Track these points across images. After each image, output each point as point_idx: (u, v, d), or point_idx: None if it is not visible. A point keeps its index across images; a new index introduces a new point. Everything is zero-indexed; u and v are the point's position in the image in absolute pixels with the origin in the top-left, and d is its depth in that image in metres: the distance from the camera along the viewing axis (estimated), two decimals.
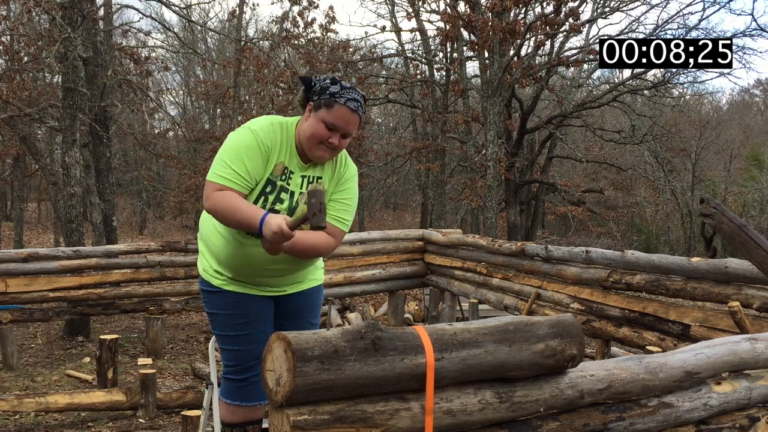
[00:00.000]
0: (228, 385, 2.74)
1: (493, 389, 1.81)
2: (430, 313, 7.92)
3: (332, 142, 2.51)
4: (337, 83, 2.52)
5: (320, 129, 2.50)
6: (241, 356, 2.69)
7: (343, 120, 2.49)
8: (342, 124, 2.49)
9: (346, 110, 2.49)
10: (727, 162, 21.62)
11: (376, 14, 54.72)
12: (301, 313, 2.82)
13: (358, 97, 2.52)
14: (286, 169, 2.59)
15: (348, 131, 2.52)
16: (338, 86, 2.51)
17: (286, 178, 2.59)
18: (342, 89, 2.50)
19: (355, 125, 2.53)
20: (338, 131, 2.51)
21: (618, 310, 4.91)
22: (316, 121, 2.51)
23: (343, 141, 2.54)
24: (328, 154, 2.55)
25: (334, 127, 2.49)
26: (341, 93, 2.49)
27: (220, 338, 2.75)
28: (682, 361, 2.20)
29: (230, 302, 2.68)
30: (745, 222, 3.10)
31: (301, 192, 2.60)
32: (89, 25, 9.08)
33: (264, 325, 2.72)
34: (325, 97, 2.50)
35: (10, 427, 4.54)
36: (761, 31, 13.27)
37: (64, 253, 6.66)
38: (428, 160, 16.25)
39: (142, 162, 23.03)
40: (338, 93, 2.49)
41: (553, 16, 12.12)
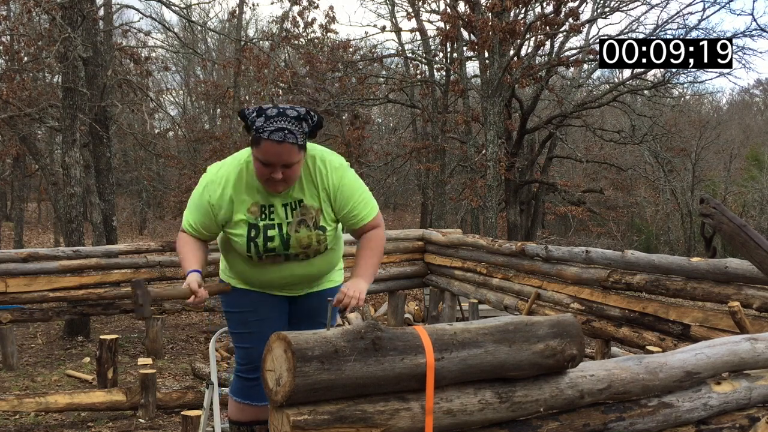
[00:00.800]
0: (239, 383, 2.76)
1: (493, 389, 1.81)
2: (430, 313, 7.91)
3: (274, 177, 2.39)
4: (262, 114, 2.37)
5: (258, 167, 2.41)
6: (253, 354, 2.69)
7: (272, 154, 2.35)
8: (274, 159, 2.36)
9: (271, 144, 2.33)
10: (727, 162, 21.61)
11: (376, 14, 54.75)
12: (313, 316, 2.81)
13: (286, 124, 2.34)
14: (264, 207, 2.55)
15: (284, 162, 2.37)
16: (263, 118, 2.36)
17: (267, 215, 2.55)
18: (266, 121, 2.35)
19: (289, 154, 2.35)
20: (275, 165, 2.38)
21: (618, 310, 4.91)
22: (254, 160, 2.42)
23: (288, 171, 2.40)
24: (281, 187, 2.46)
25: (268, 163, 2.37)
26: (264, 127, 2.34)
27: (234, 336, 2.78)
28: (682, 361, 2.20)
29: (246, 300, 2.72)
30: (745, 222, 3.10)
31: (288, 222, 2.55)
32: (89, 25, 9.07)
33: (278, 325, 2.72)
34: (253, 133, 2.38)
35: (10, 427, 4.54)
36: (761, 31, 13.28)
37: (64, 253, 6.66)
38: (428, 160, 16.25)
39: (142, 162, 23.03)
40: (261, 127, 2.35)
41: (553, 16, 12.13)
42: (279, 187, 2.46)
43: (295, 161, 2.40)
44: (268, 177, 2.41)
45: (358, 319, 7.82)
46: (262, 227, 2.53)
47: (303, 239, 2.56)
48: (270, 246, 2.54)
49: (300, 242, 2.57)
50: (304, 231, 2.56)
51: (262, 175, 2.43)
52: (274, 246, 2.54)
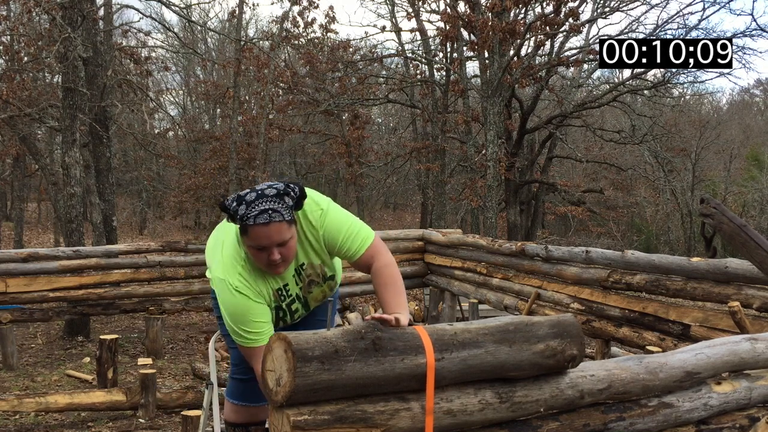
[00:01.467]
0: (234, 385, 2.75)
1: (493, 389, 1.81)
2: (430, 313, 7.92)
3: (273, 260, 2.35)
4: (242, 202, 2.31)
5: (255, 254, 2.37)
6: None
7: (263, 238, 2.30)
8: (266, 242, 2.31)
9: (260, 228, 2.28)
10: (727, 162, 21.62)
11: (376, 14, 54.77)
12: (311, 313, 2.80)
13: (268, 204, 2.29)
14: (280, 290, 2.55)
15: (276, 242, 2.32)
16: (243, 206, 2.30)
17: (285, 295, 2.57)
18: (248, 207, 2.29)
19: (279, 232, 2.30)
20: (269, 248, 2.33)
21: (618, 310, 4.91)
22: (249, 249, 2.38)
23: (284, 249, 2.35)
24: (282, 267, 2.42)
25: (262, 247, 2.33)
26: (247, 214, 2.28)
27: (228, 338, 2.76)
28: (682, 361, 2.20)
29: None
30: (745, 222, 3.10)
31: (301, 287, 2.61)
32: (89, 25, 9.07)
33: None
34: (240, 224, 2.33)
35: (10, 427, 4.54)
36: (761, 31, 13.28)
37: (64, 253, 6.66)
38: (428, 160, 16.26)
39: (142, 162, 23.04)
40: (245, 215, 2.29)
41: (553, 16, 12.13)
42: (280, 268, 2.41)
43: (287, 238, 2.35)
44: (267, 261, 2.37)
45: (358, 319, 7.83)
46: (285, 306, 2.60)
47: (318, 296, 2.69)
48: (296, 316, 2.67)
49: (316, 299, 2.70)
50: (316, 289, 2.66)
51: (260, 262, 2.38)
52: (299, 315, 2.68)
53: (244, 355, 2.49)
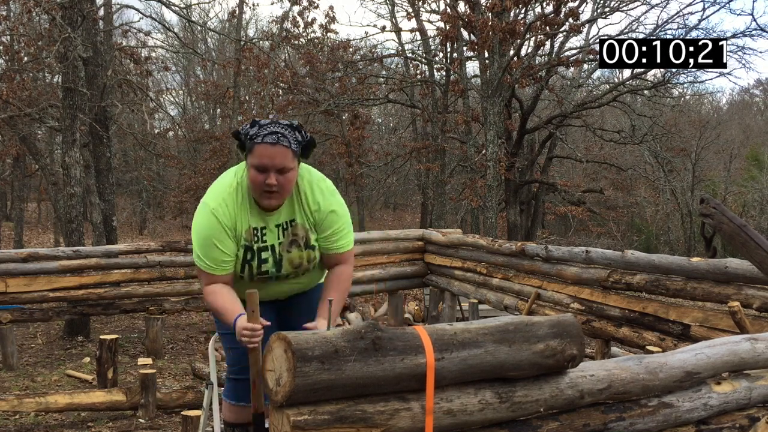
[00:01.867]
0: (231, 385, 2.75)
1: (493, 389, 1.81)
2: (430, 313, 7.91)
3: (270, 183, 2.40)
4: (255, 124, 2.44)
5: (253, 175, 2.42)
6: (242, 355, 2.69)
7: (267, 156, 2.38)
8: (267, 162, 2.39)
9: (265, 146, 2.38)
10: (727, 162, 21.62)
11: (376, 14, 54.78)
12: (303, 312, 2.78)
13: (279, 129, 2.41)
14: (257, 230, 2.55)
15: (278, 166, 2.40)
16: (256, 127, 2.43)
17: (260, 237, 2.56)
18: (260, 128, 2.42)
19: (283, 156, 2.39)
20: (269, 170, 2.40)
21: (618, 310, 4.91)
22: (250, 169, 2.44)
23: (282, 178, 2.42)
24: (274, 200, 2.47)
25: (263, 167, 2.40)
26: (258, 132, 2.41)
27: (224, 338, 2.77)
28: (682, 361, 2.20)
29: None
30: (745, 222, 3.10)
31: (280, 242, 2.58)
32: (89, 25, 9.07)
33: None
34: (248, 143, 2.43)
35: (10, 427, 4.54)
36: (761, 31, 13.27)
37: (64, 253, 6.66)
38: (428, 160, 16.26)
39: (142, 162, 23.04)
40: (255, 134, 2.41)
41: (553, 16, 12.13)
42: (273, 199, 2.46)
43: (289, 166, 2.42)
44: (263, 185, 2.41)
45: (358, 319, 7.83)
46: (256, 250, 2.55)
47: (294, 259, 2.60)
48: (263, 269, 2.58)
49: (291, 262, 2.61)
50: (295, 251, 2.60)
51: (256, 183, 2.42)
52: (267, 269, 2.59)
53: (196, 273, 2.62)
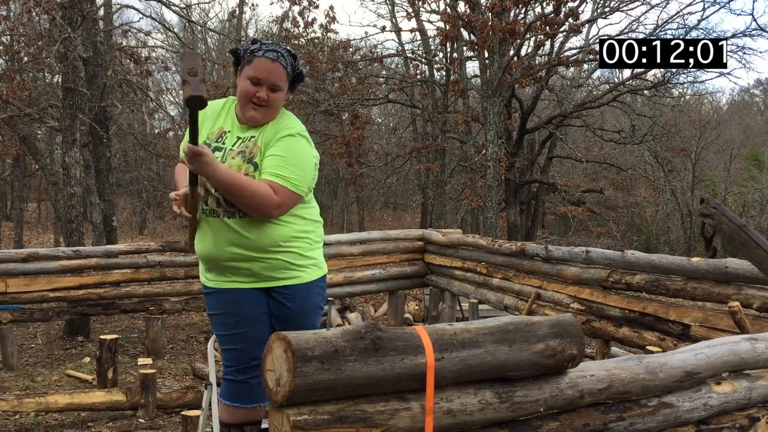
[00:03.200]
0: (227, 386, 2.74)
1: (493, 389, 1.81)
2: (430, 313, 7.92)
3: (260, 96, 2.54)
4: (257, 42, 2.58)
5: (245, 85, 2.56)
6: (237, 356, 2.69)
7: (265, 71, 2.52)
8: (265, 76, 2.52)
9: (265, 60, 2.52)
10: (727, 162, 21.62)
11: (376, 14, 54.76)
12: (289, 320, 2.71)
13: (280, 49, 2.55)
14: (224, 132, 2.68)
15: (272, 82, 2.54)
16: (258, 44, 2.57)
17: (222, 139, 2.66)
18: (261, 45, 2.56)
19: (279, 75, 2.54)
20: (263, 84, 2.54)
21: (618, 310, 4.91)
22: (242, 80, 2.58)
23: (272, 95, 2.55)
24: (259, 113, 2.58)
25: (258, 80, 2.53)
26: (260, 47, 2.56)
27: (219, 339, 2.77)
28: (682, 361, 2.20)
29: (222, 302, 2.71)
30: (745, 222, 3.10)
31: (231, 148, 2.63)
32: (89, 25, 9.07)
33: (258, 324, 2.70)
34: (247, 56, 2.57)
35: (10, 427, 4.54)
36: (761, 31, 13.27)
37: (64, 253, 6.66)
38: (428, 160, 16.26)
39: (142, 162, 23.02)
40: (257, 48, 2.56)
41: (553, 16, 12.12)
42: (258, 113, 2.58)
43: (281, 86, 2.57)
44: (253, 96, 2.54)
45: (358, 319, 7.83)
46: (212, 148, 2.62)
47: (233, 166, 2.55)
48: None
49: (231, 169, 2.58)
50: (238, 160, 2.58)
51: (248, 94, 2.56)
52: None
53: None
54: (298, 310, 2.70)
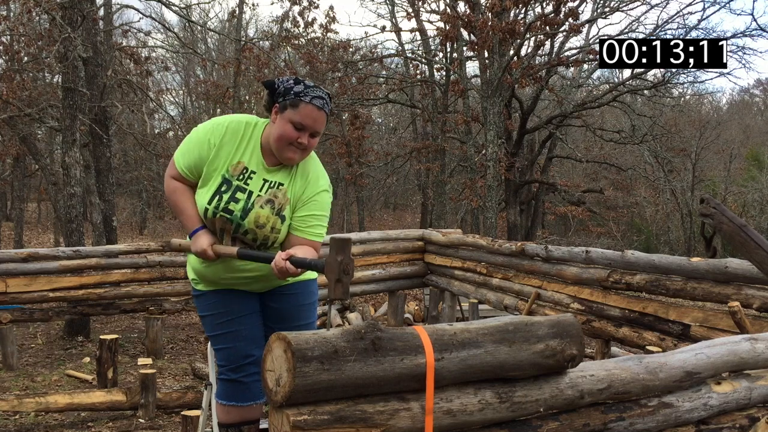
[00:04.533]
0: (222, 385, 2.73)
1: (493, 389, 1.81)
2: (430, 313, 7.92)
3: (302, 142, 2.49)
4: (300, 83, 2.51)
5: (288, 129, 2.48)
6: (230, 354, 2.68)
7: (311, 118, 2.48)
8: (310, 123, 2.48)
9: (312, 108, 2.47)
10: (727, 162, 21.63)
11: (376, 14, 54.76)
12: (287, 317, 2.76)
13: (324, 94, 2.51)
14: (246, 170, 2.58)
15: (316, 129, 2.50)
16: (302, 85, 2.50)
17: (245, 178, 2.57)
18: (306, 88, 2.49)
19: (322, 123, 2.51)
20: (306, 130, 2.49)
21: (618, 310, 4.91)
22: (284, 122, 2.49)
23: (312, 140, 2.52)
24: (297, 155, 2.53)
25: (302, 126, 2.48)
26: (306, 92, 2.48)
27: (212, 339, 2.76)
28: (682, 361, 2.20)
29: (213, 302, 2.70)
30: (745, 222, 3.10)
31: (259, 195, 2.56)
32: (89, 25, 9.07)
33: (250, 322, 2.70)
34: (290, 98, 2.48)
35: (10, 427, 4.54)
36: (761, 31, 13.28)
37: (64, 253, 6.66)
38: (428, 160, 16.26)
39: (142, 162, 23.03)
40: (303, 92, 2.48)
41: (553, 16, 12.12)
42: (296, 155, 2.53)
43: (320, 133, 2.54)
44: (293, 141, 2.49)
45: (358, 319, 7.83)
46: (234, 186, 2.56)
47: (261, 217, 2.55)
48: (230, 207, 2.55)
49: (257, 218, 2.55)
50: (267, 210, 2.56)
51: (288, 139, 2.49)
52: (233, 209, 2.55)
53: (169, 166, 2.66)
54: (299, 306, 2.77)
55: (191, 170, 2.61)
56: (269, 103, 2.58)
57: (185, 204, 2.62)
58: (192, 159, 2.59)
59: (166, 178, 2.68)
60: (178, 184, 2.65)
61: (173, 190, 2.65)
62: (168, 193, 2.68)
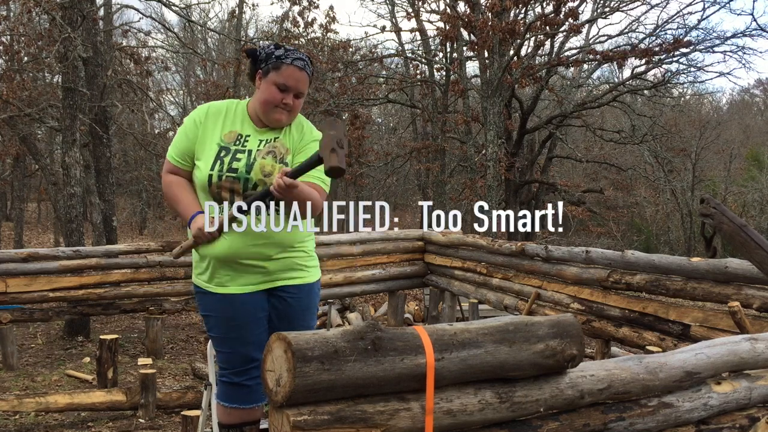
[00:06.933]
0: (224, 387, 2.71)
1: (493, 389, 1.81)
2: (430, 313, 7.92)
3: (287, 103, 2.57)
4: (280, 47, 2.60)
5: (273, 92, 2.57)
6: (233, 358, 2.66)
7: (293, 79, 2.56)
8: (293, 83, 2.56)
9: (294, 69, 2.56)
10: (727, 162, 21.63)
11: (376, 14, 54.75)
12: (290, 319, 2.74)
13: (304, 56, 2.60)
14: (240, 135, 2.65)
15: (299, 90, 2.58)
16: (282, 49, 2.59)
17: (242, 141, 2.64)
18: (286, 51, 2.58)
19: (305, 83, 2.60)
20: (290, 91, 2.57)
21: (618, 310, 4.91)
22: (268, 86, 2.58)
23: (296, 101, 2.60)
24: (285, 117, 2.61)
25: (286, 87, 2.56)
26: (286, 54, 2.57)
27: (215, 340, 2.73)
28: (682, 361, 2.20)
29: (219, 304, 2.66)
30: (745, 222, 3.10)
31: (258, 149, 2.61)
32: (89, 25, 9.07)
33: (256, 328, 2.68)
34: (272, 61, 2.57)
35: (10, 427, 4.54)
36: (761, 31, 13.27)
37: (64, 253, 6.66)
38: (428, 160, 16.25)
39: (142, 162, 23.03)
40: (284, 55, 2.57)
41: (553, 16, 12.12)
42: (283, 116, 2.60)
43: (305, 92, 2.62)
44: (278, 103, 2.56)
45: (358, 319, 7.83)
46: (233, 150, 2.61)
47: (266, 166, 2.58)
48: (234, 166, 2.57)
49: (263, 168, 2.58)
50: (269, 159, 2.61)
51: (274, 101, 2.57)
52: (237, 167, 2.57)
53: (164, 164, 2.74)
54: (301, 309, 2.76)
55: (183, 156, 2.67)
56: (252, 71, 2.66)
57: (181, 194, 2.67)
58: (181, 144, 2.67)
59: (163, 176, 2.74)
60: (173, 177, 2.70)
61: (168, 183, 2.71)
62: (164, 189, 2.73)
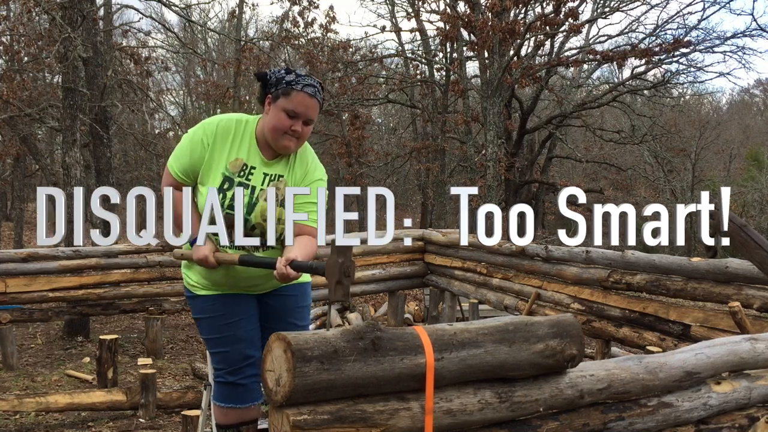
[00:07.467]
0: (219, 388, 2.71)
1: (493, 389, 1.81)
2: (430, 313, 7.91)
3: (296, 130, 2.52)
4: (291, 72, 2.54)
5: (282, 118, 2.51)
6: (228, 358, 2.66)
7: (303, 106, 2.51)
8: (302, 110, 2.51)
9: (305, 96, 2.51)
10: (727, 162, 21.63)
11: (376, 14, 54.75)
12: (282, 317, 2.75)
13: (315, 83, 2.55)
14: (246, 166, 2.59)
15: (309, 117, 2.53)
16: (293, 75, 2.53)
17: (246, 174, 2.58)
18: (297, 77, 2.52)
19: (315, 110, 2.54)
20: (299, 118, 2.52)
21: (618, 310, 4.91)
22: (277, 112, 2.52)
23: (306, 128, 2.54)
24: (293, 144, 2.56)
25: (295, 114, 2.51)
26: (297, 80, 2.52)
27: (207, 342, 2.73)
28: (682, 361, 2.20)
29: (210, 305, 2.67)
30: (745, 222, 3.10)
31: (262, 189, 2.57)
32: (89, 25, 9.06)
33: (248, 325, 2.68)
34: (282, 87, 2.51)
35: (10, 427, 4.54)
36: (761, 31, 13.27)
37: (63, 253, 6.65)
38: (428, 160, 16.26)
39: (142, 162, 23.03)
40: (294, 81, 2.52)
41: (553, 16, 12.13)
42: (292, 143, 2.55)
43: (314, 120, 2.56)
44: (287, 130, 2.51)
45: (358, 319, 7.83)
46: (236, 183, 2.56)
47: (264, 210, 2.56)
48: (237, 202, 2.53)
49: (263, 212, 2.56)
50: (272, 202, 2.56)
51: (283, 127, 2.51)
52: (244, 204, 2.56)
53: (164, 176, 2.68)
54: (296, 307, 2.78)
55: (186, 174, 2.61)
56: (262, 95, 2.60)
57: (186, 214, 2.60)
58: (186, 162, 2.60)
59: (163, 189, 2.64)
60: (178, 193, 2.61)
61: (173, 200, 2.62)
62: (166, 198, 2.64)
